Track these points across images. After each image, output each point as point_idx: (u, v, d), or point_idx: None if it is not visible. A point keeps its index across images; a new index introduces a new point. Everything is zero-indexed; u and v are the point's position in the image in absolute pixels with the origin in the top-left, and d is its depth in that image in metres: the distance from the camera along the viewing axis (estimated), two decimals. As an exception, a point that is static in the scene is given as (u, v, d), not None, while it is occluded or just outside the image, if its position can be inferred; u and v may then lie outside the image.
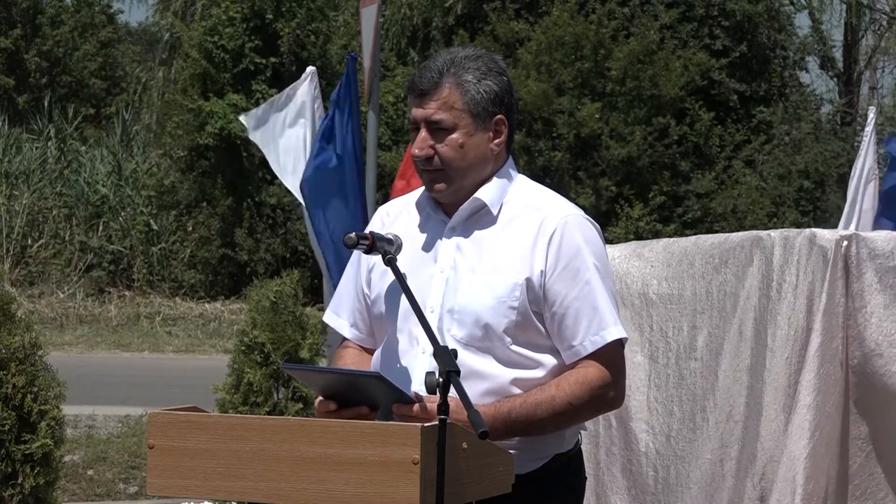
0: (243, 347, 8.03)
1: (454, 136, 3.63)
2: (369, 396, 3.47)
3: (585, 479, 3.83)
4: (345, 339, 3.89)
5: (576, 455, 3.76)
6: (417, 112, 3.65)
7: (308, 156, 9.13)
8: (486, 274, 3.62)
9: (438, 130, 3.63)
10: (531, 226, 3.64)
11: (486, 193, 3.68)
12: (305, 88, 9.51)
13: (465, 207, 3.68)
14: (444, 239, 3.69)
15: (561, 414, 3.58)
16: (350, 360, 3.80)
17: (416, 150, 3.64)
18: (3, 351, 6.56)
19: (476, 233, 3.68)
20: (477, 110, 3.63)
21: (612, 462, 5.49)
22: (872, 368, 4.98)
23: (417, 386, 3.54)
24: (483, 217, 3.69)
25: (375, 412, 3.47)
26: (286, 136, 9.43)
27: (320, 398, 3.51)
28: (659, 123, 24.80)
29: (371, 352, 3.80)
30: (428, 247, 3.71)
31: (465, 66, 3.64)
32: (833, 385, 4.96)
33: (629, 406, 5.40)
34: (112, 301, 22.90)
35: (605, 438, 5.52)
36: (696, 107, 25.42)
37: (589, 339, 3.60)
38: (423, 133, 3.64)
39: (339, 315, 3.87)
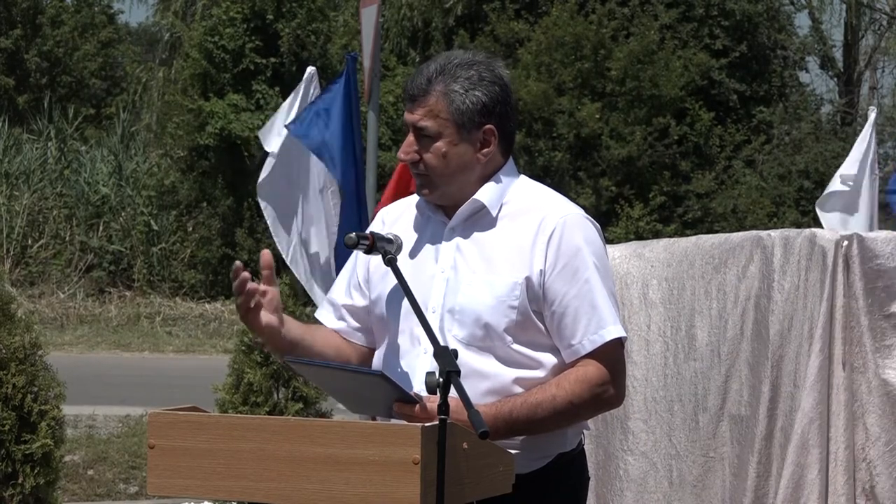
0: (243, 347, 8.03)
1: (438, 144, 3.64)
2: (372, 394, 3.47)
3: (589, 479, 3.83)
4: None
5: (579, 455, 3.76)
6: (407, 116, 3.69)
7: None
8: (487, 274, 3.62)
9: (424, 137, 3.65)
10: (530, 225, 3.65)
11: (484, 195, 3.69)
12: (306, 89, 9.51)
13: (465, 209, 3.69)
14: (444, 240, 3.70)
15: (562, 413, 3.58)
16: (322, 334, 3.80)
17: (402, 154, 3.69)
18: (3, 351, 6.56)
19: (476, 233, 3.68)
20: (462, 121, 3.63)
21: (612, 461, 5.49)
22: (874, 368, 4.98)
23: (419, 386, 3.54)
24: (482, 218, 3.69)
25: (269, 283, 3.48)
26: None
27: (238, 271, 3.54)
28: (659, 123, 24.81)
29: (351, 343, 3.82)
30: (428, 247, 3.72)
31: (456, 74, 3.63)
32: (835, 385, 4.96)
33: (629, 405, 5.40)
34: (112, 301, 22.90)
35: (605, 438, 5.53)
36: (696, 107, 25.43)
37: (588, 338, 3.60)
38: (410, 137, 3.68)
39: (328, 308, 3.90)
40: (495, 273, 3.62)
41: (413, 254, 3.70)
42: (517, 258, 3.62)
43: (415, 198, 3.83)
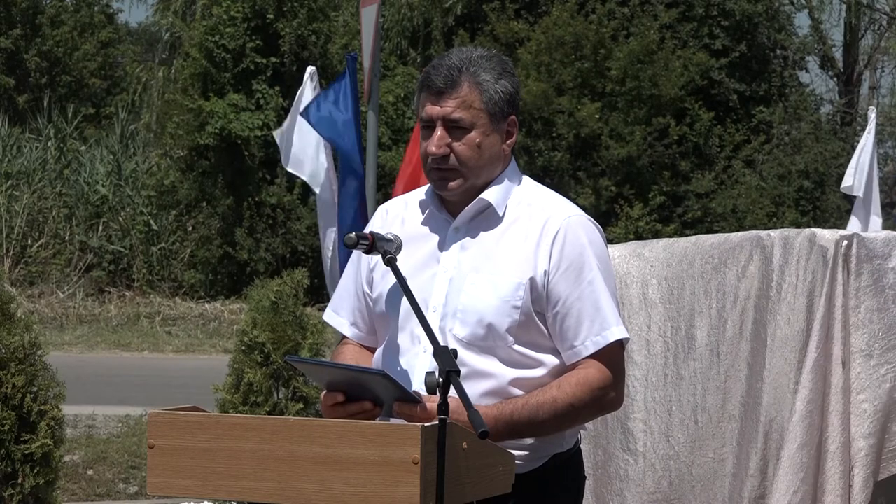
0: (243, 347, 8.03)
1: (472, 134, 3.62)
2: (373, 394, 3.47)
3: (585, 478, 3.83)
4: (344, 336, 3.90)
5: (575, 454, 3.76)
6: (434, 110, 3.63)
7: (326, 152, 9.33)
8: (490, 274, 3.62)
9: (456, 129, 3.62)
10: (535, 226, 3.64)
11: (491, 194, 3.68)
12: (307, 88, 9.57)
13: (471, 208, 3.68)
14: (447, 238, 3.70)
15: (563, 415, 3.58)
16: (349, 357, 3.81)
17: (433, 148, 3.62)
18: (3, 351, 6.56)
19: (480, 233, 3.68)
20: (494, 110, 3.63)
21: (610, 462, 5.49)
22: (869, 368, 4.98)
23: (418, 385, 3.54)
24: (488, 217, 3.69)
25: (379, 407, 3.48)
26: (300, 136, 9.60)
27: (325, 392, 3.53)
28: (659, 123, 24.80)
29: (371, 350, 3.80)
30: (432, 246, 3.71)
31: (482, 65, 3.65)
32: (832, 385, 4.96)
33: (629, 406, 5.39)
34: (112, 301, 22.89)
35: (604, 438, 5.52)
36: (696, 107, 25.42)
37: (591, 339, 3.60)
38: (439, 131, 3.62)
39: (339, 314, 3.87)
40: (499, 273, 3.62)
41: (415, 251, 3.69)
42: (521, 259, 3.62)
43: (415, 194, 3.82)
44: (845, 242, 5.01)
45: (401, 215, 3.80)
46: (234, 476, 3.29)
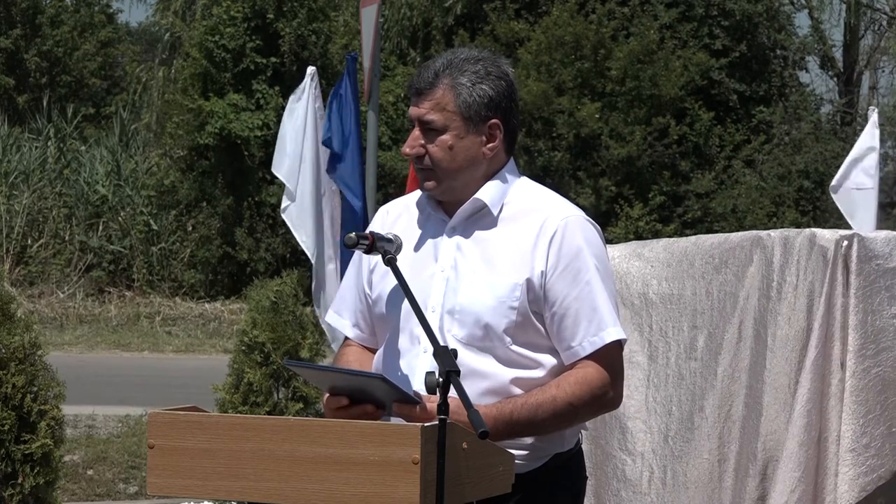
0: (243, 347, 8.03)
1: (444, 137, 3.64)
2: (373, 397, 3.47)
3: (586, 478, 3.84)
4: (346, 338, 3.90)
5: (576, 454, 3.76)
6: (413, 110, 3.69)
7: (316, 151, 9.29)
8: (487, 274, 3.62)
9: (429, 131, 3.65)
10: (532, 226, 3.65)
11: (486, 194, 3.69)
12: (307, 89, 9.58)
13: (466, 208, 3.69)
14: (444, 238, 3.70)
15: (562, 415, 3.58)
16: (353, 358, 3.81)
17: (407, 149, 3.69)
18: (3, 351, 6.57)
19: (477, 233, 3.68)
20: (469, 114, 3.63)
21: (609, 461, 5.49)
22: (868, 369, 4.98)
23: (418, 385, 3.54)
24: (483, 217, 3.69)
25: (380, 410, 3.48)
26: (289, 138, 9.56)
27: (329, 395, 3.53)
28: (659, 123, 24.80)
29: (373, 351, 3.81)
30: (428, 246, 3.71)
31: (463, 68, 3.65)
32: (832, 385, 4.96)
33: (627, 406, 5.40)
34: (112, 301, 22.89)
35: (604, 438, 5.52)
36: (696, 107, 25.42)
37: (588, 339, 3.60)
38: (415, 132, 3.68)
39: (342, 315, 3.88)
40: (496, 274, 3.62)
41: (413, 252, 3.70)
42: (518, 259, 3.62)
43: (415, 195, 3.83)
44: (845, 242, 5.01)
45: (401, 215, 3.81)
46: (234, 476, 3.29)
